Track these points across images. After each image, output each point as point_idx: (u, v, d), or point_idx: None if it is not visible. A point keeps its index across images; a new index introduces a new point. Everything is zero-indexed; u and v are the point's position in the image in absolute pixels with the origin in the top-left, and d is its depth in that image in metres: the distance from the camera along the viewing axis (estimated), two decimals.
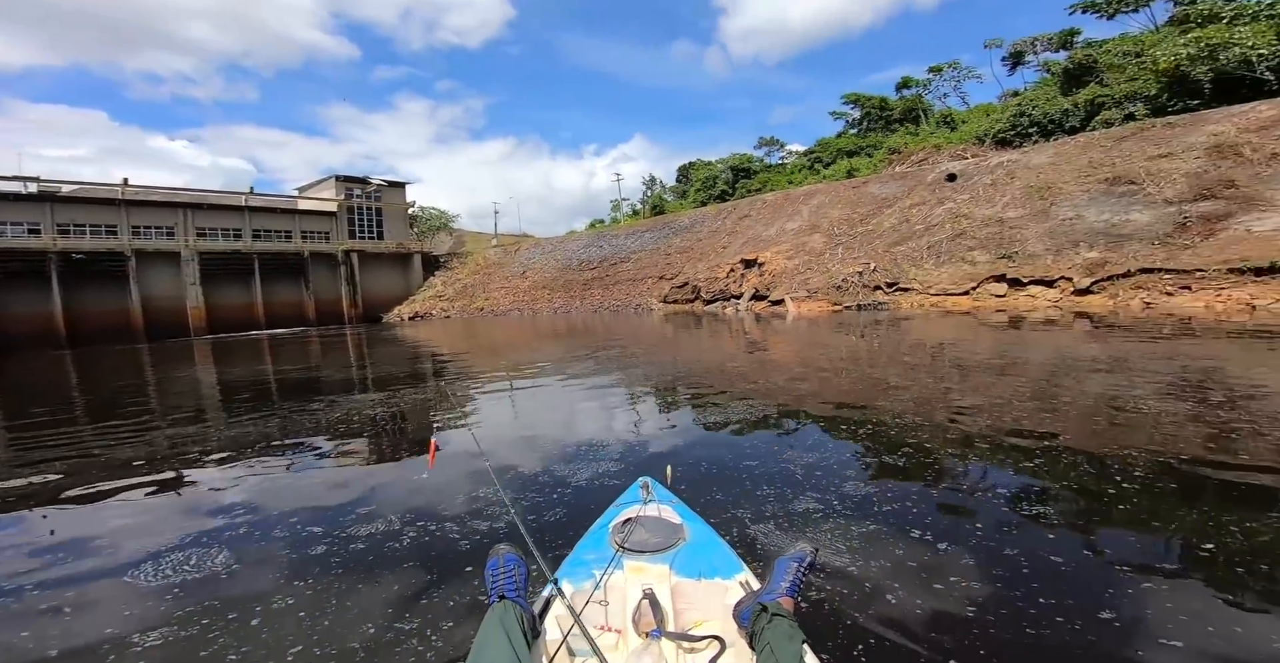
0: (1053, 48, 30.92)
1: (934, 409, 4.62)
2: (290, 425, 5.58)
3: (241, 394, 8.45)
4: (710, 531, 1.78)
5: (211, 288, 33.12)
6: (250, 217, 36.74)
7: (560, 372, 8.42)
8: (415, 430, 5.20)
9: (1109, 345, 7.73)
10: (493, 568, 1.48)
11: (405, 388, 7.72)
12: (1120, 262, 12.86)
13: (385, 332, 25.61)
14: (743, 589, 1.47)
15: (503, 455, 3.94)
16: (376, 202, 42.57)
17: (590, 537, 1.79)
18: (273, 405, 7.07)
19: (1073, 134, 20.23)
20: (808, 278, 19.91)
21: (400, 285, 41.92)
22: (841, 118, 39.03)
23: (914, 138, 30.04)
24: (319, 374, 10.59)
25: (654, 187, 51.76)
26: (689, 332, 15.03)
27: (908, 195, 21.18)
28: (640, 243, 35.27)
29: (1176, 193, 13.46)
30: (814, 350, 9.69)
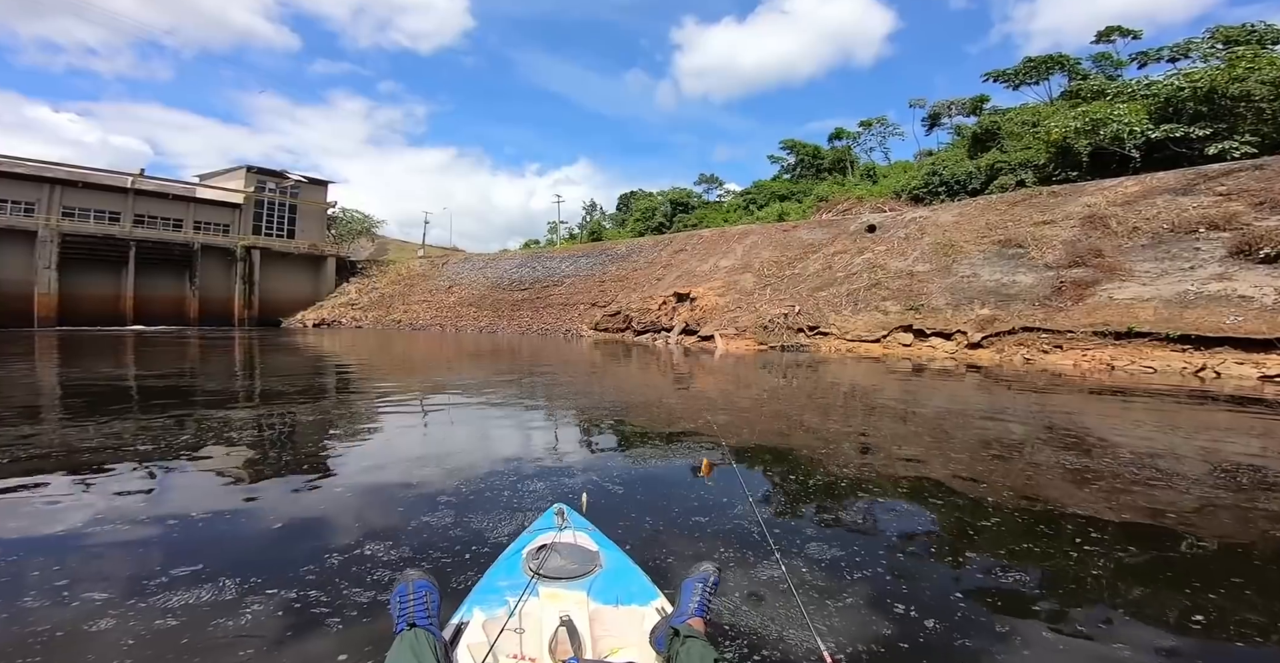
0: (965, 112, 35.20)
1: (839, 445, 5.03)
2: (121, 439, 4.66)
3: (63, 398, 7.36)
4: (625, 557, 1.79)
5: (72, 275, 29.30)
6: (135, 200, 33.14)
7: (480, 395, 8.08)
8: (297, 451, 4.65)
9: (992, 395, 8.69)
10: (401, 595, 1.45)
11: (292, 402, 7.05)
12: (1007, 319, 14.47)
13: (281, 337, 23.63)
14: (659, 614, 1.51)
15: (406, 478, 3.67)
16: (292, 197, 39.94)
17: (502, 563, 1.76)
18: (99, 415, 5.90)
19: (974, 196, 22.86)
20: (737, 316, 20.71)
21: (308, 289, 39.14)
22: (778, 162, 41.87)
23: (840, 188, 32.70)
24: (179, 382, 9.48)
25: (594, 212, 52.50)
26: (620, 361, 15.05)
27: (832, 243, 22.83)
28: (575, 268, 35.33)
29: (1055, 258, 15.48)
30: (741, 387, 9.98)
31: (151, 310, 31.51)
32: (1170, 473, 4.10)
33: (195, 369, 11.39)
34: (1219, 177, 15.26)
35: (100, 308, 30.19)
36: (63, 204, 30.54)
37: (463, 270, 41.01)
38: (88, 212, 31.52)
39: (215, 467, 4.00)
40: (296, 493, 3.40)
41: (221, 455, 4.31)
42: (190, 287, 33.64)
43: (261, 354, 15.33)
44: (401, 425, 6.00)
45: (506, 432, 5.54)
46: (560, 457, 4.47)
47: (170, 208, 34.77)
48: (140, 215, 33.13)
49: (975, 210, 19.66)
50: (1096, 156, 20.31)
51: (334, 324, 35.27)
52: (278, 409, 6.42)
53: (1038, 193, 19.06)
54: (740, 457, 4.54)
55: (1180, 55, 25.81)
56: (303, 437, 5.11)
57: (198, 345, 17.97)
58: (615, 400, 7.97)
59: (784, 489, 3.69)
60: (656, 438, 5.29)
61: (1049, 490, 3.63)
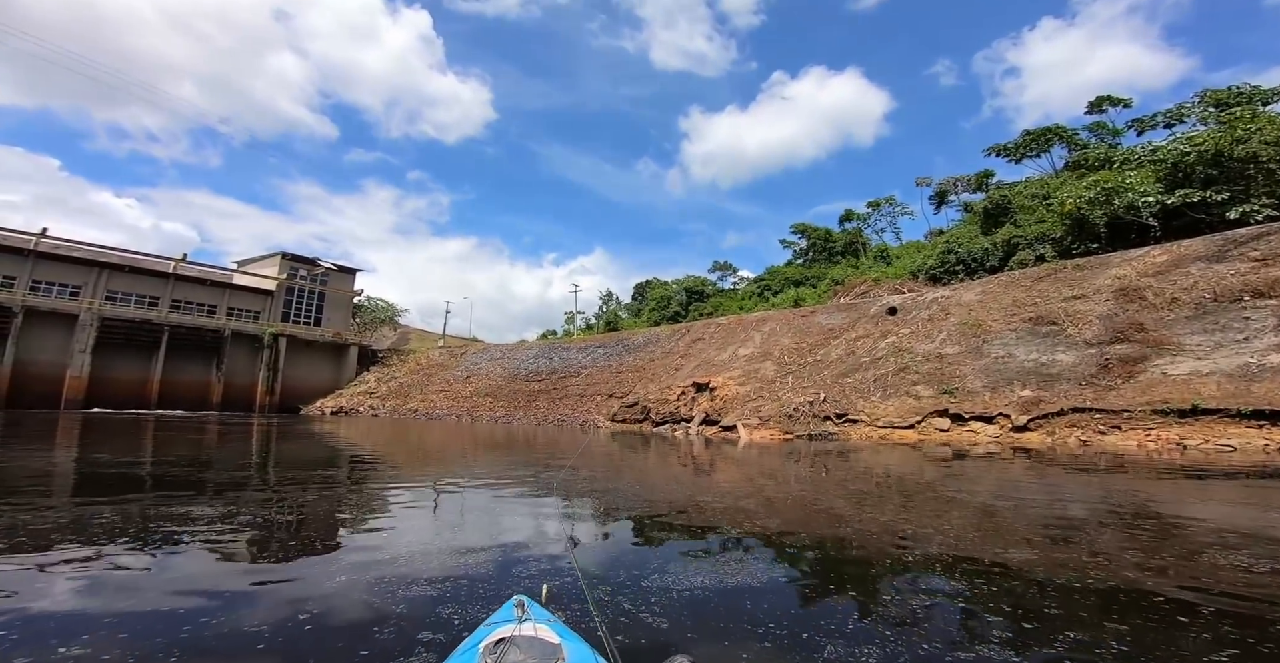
0: (971, 188, 36.25)
1: (879, 535, 4.48)
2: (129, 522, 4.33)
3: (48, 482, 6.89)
4: (589, 650, 1.72)
5: (105, 358, 30.25)
6: (175, 285, 35.16)
7: (495, 489, 7.34)
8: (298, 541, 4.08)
9: (1045, 479, 7.96)
10: None
11: (295, 495, 6.46)
12: (1053, 400, 13.56)
13: (298, 424, 23.31)
14: None
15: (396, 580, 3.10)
16: (322, 285, 42.01)
17: (457, 658, 1.70)
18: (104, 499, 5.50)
19: (994, 272, 22.63)
20: (759, 405, 19.98)
21: (329, 377, 39.62)
22: (790, 247, 43.18)
23: (855, 270, 33.12)
24: (190, 469, 9.04)
25: (610, 302, 53.89)
26: (639, 453, 14.21)
27: (852, 327, 22.58)
28: (592, 358, 35.42)
29: (1094, 335, 14.84)
30: (767, 478, 9.12)
31: (176, 394, 31.93)
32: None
33: (210, 458, 10.97)
34: (1249, 242, 14.98)
35: (128, 391, 30.73)
36: (107, 288, 32.44)
37: (480, 360, 41.43)
38: (130, 296, 33.37)
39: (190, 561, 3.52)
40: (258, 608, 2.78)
41: (204, 550, 3.77)
42: (216, 372, 34.33)
43: (277, 442, 14.88)
44: (405, 525, 5.00)
45: (516, 532, 4.55)
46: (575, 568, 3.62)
47: (207, 294, 36.69)
48: (178, 301, 34.92)
49: (999, 288, 19.46)
50: (1114, 227, 19.92)
51: (352, 412, 35.10)
52: (282, 500, 5.81)
53: (1061, 267, 18.89)
54: (778, 551, 3.94)
55: (1175, 120, 26.30)
56: (293, 537, 4.32)
57: (211, 432, 17.66)
58: (641, 497, 7.18)
59: (818, 583, 3.30)
60: (691, 546, 4.28)
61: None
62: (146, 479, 6.91)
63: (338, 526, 4.64)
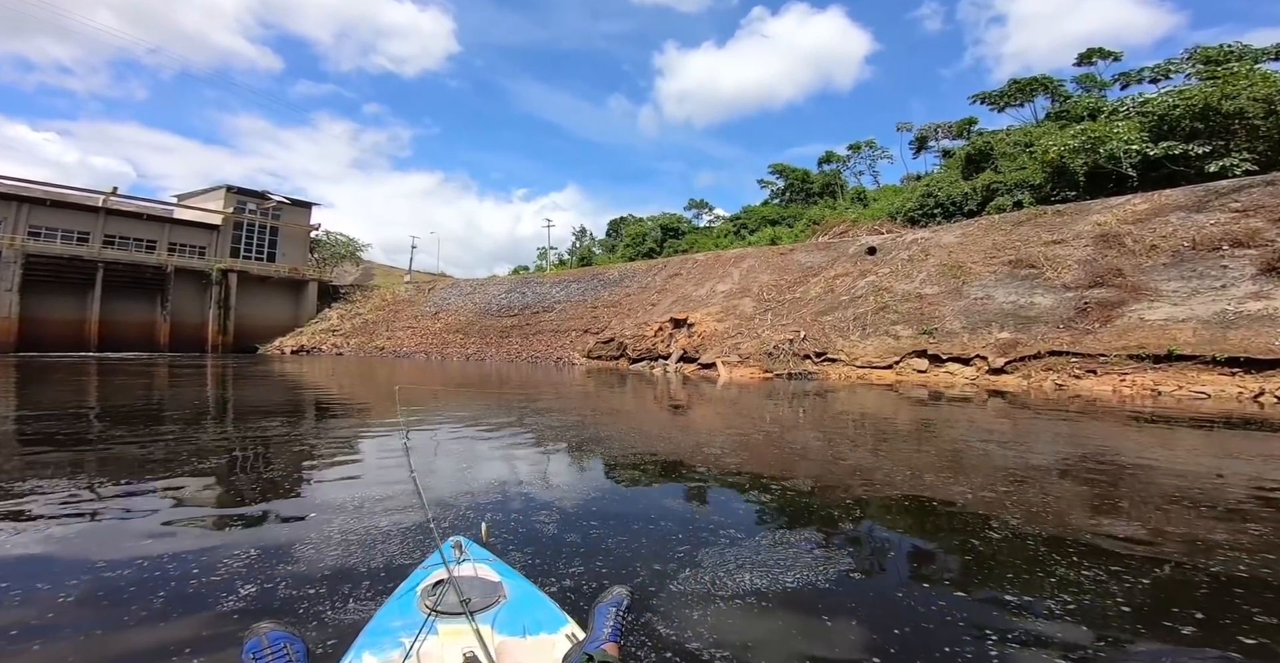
0: (951, 135, 35.44)
1: (847, 476, 4.55)
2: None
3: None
4: (531, 586, 1.69)
5: (35, 298, 27.37)
6: (106, 220, 31.50)
7: (474, 434, 6.70)
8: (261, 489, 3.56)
9: (1016, 422, 7.90)
10: (253, 651, 1.31)
11: (259, 438, 5.59)
12: (1030, 343, 13.49)
13: (257, 365, 21.84)
14: (569, 642, 1.42)
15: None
16: (274, 220, 38.54)
17: (394, 602, 1.58)
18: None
19: (971, 217, 22.32)
20: (738, 342, 19.56)
21: (288, 315, 37.36)
22: (767, 187, 41.76)
23: (833, 211, 32.28)
24: (146, 410, 7.95)
25: (584, 238, 51.80)
26: (618, 393, 13.63)
27: (831, 266, 22.01)
28: (566, 293, 34.19)
29: (1073, 279, 14.66)
30: (745, 418, 8.71)
31: (118, 335, 29.52)
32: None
33: (160, 402, 9.77)
34: (1231, 193, 14.73)
35: (64, 333, 28.21)
36: (29, 224, 28.80)
37: (450, 296, 39.64)
38: (55, 231, 29.78)
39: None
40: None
41: (164, 500, 3.33)
42: (161, 311, 31.77)
43: (234, 385, 13.61)
44: (368, 473, 4.57)
45: (478, 476, 4.15)
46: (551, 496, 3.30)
47: (144, 229, 33.12)
48: (111, 236, 31.43)
49: (979, 231, 18.99)
50: (1093, 176, 20.00)
51: (314, 351, 33.47)
52: (242, 449, 4.97)
53: (1041, 212, 18.48)
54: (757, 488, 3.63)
55: (1161, 76, 26.19)
56: (253, 487, 3.88)
57: (161, 374, 16.19)
58: (618, 438, 6.59)
59: (785, 518, 3.34)
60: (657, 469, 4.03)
61: None
62: (92, 429, 6.08)
63: (299, 475, 4.28)
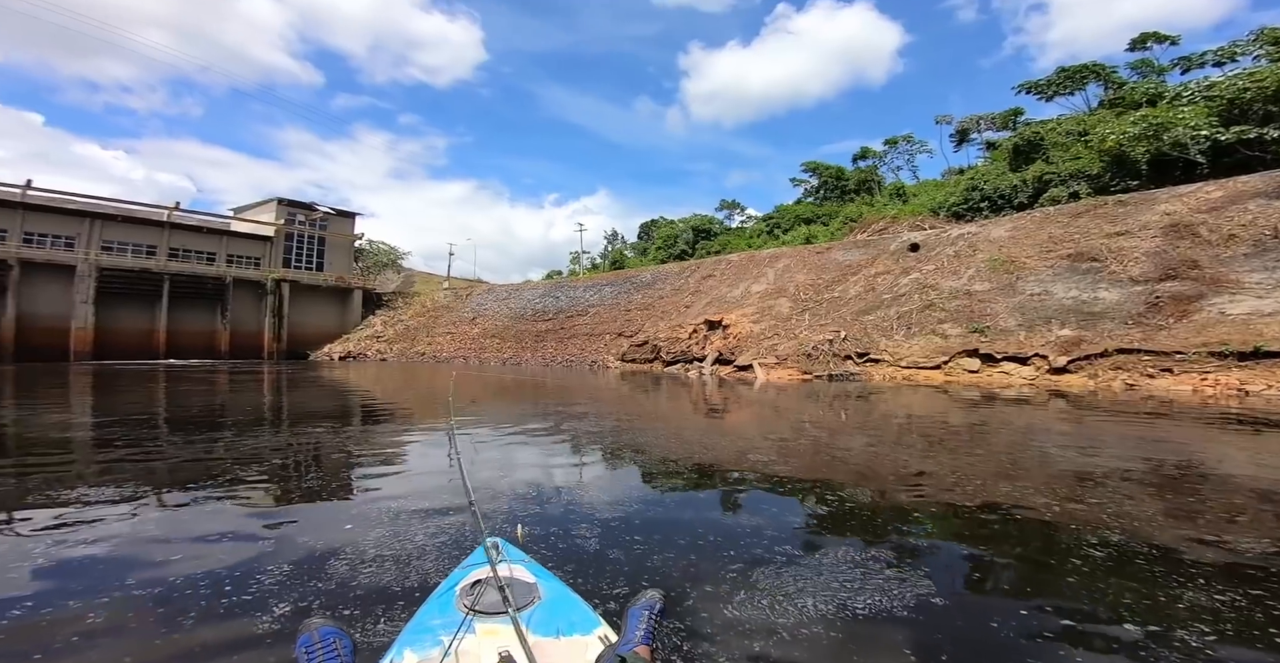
0: (996, 126, 33.80)
1: (893, 480, 4.26)
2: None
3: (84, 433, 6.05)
4: (565, 588, 1.71)
5: (109, 309, 29.07)
6: (171, 234, 33.27)
7: (513, 442, 6.57)
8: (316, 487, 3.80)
9: (1082, 424, 7.27)
10: (305, 646, 1.36)
11: (317, 439, 5.62)
12: (1096, 341, 12.53)
13: (308, 371, 22.53)
14: (602, 644, 1.42)
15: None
16: (321, 230, 39.99)
17: (434, 601, 1.63)
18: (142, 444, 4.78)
19: (1021, 210, 21.12)
20: (775, 343, 19.01)
21: (335, 322, 38.61)
22: (800, 185, 40.79)
23: (870, 208, 31.22)
24: (213, 415, 8.18)
25: (615, 241, 51.85)
26: (652, 395, 13.38)
27: (872, 263, 21.19)
28: (599, 297, 34.18)
29: (1142, 272, 13.57)
30: (783, 420, 8.30)
31: (183, 344, 31.09)
32: None
33: (224, 407, 10.12)
34: None
35: (135, 342, 29.87)
36: (102, 238, 30.67)
37: (486, 302, 40.24)
38: (126, 245, 31.63)
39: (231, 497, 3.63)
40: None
41: (225, 499, 3.67)
42: (221, 320, 33.29)
43: (288, 390, 13.94)
44: (413, 475, 4.48)
45: (518, 478, 4.01)
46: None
47: (204, 241, 34.85)
48: (175, 249, 33.17)
49: (1032, 224, 17.90)
50: (1157, 164, 18.64)
51: (359, 357, 34.46)
52: (297, 450, 4.98)
53: (1101, 203, 17.27)
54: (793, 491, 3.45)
55: (1226, 59, 24.24)
56: (307, 485, 4.17)
57: (226, 381, 16.78)
58: (653, 442, 6.29)
59: (827, 524, 3.22)
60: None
61: None
62: (162, 431, 6.32)
63: (350, 476, 4.45)
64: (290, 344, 35.23)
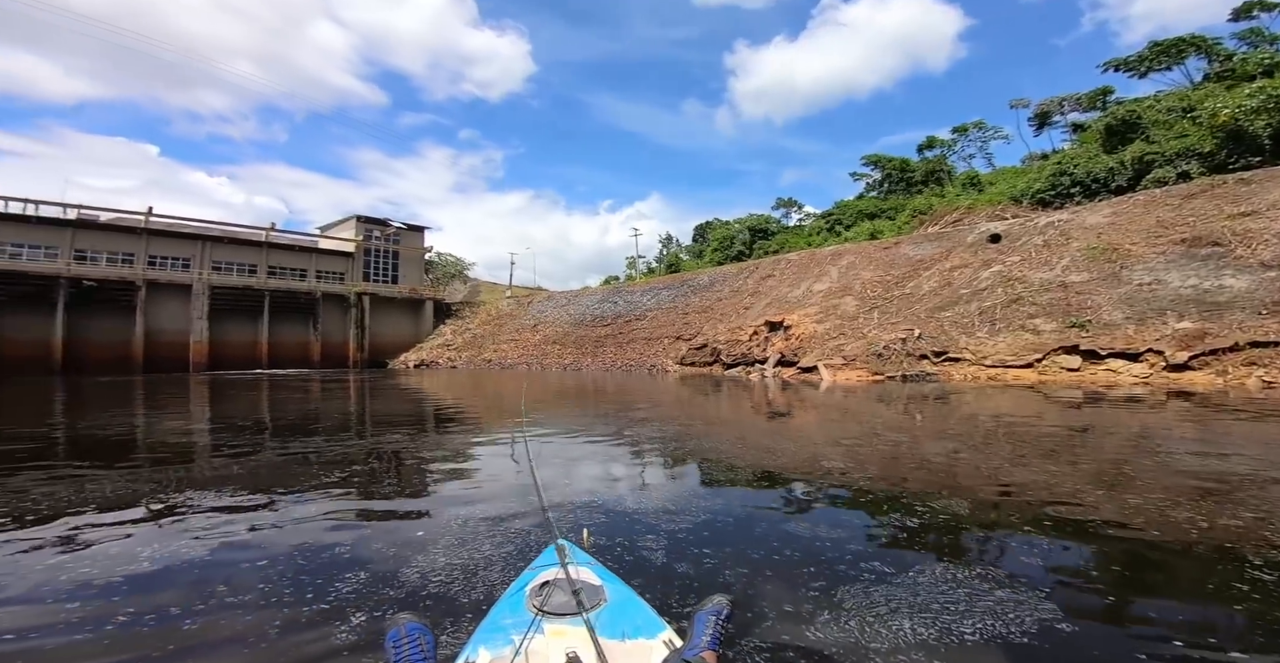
0: (1082, 107, 30.86)
1: (979, 489, 3.91)
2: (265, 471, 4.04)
3: (207, 436, 6.62)
4: (630, 591, 1.72)
5: (217, 323, 32.09)
6: (268, 253, 36.39)
7: (576, 445, 6.53)
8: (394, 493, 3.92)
9: (1207, 426, 6.36)
10: (394, 639, 1.43)
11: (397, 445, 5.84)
12: (1223, 334, 10.95)
13: (387, 379, 23.83)
14: (667, 648, 1.42)
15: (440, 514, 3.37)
16: (394, 244, 42.44)
17: (506, 601, 1.68)
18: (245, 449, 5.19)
19: (1121, 193, 19.06)
20: (841, 344, 18.10)
21: (410, 331, 40.77)
22: (861, 179, 39.01)
23: (941, 199, 29.29)
24: (305, 422, 8.76)
25: (670, 244, 51.64)
26: (713, 398, 13.05)
27: (946, 257, 19.78)
28: (656, 300, 34.08)
29: (1275, 256, 11.78)
30: (853, 423, 7.79)
31: (282, 354, 33.82)
32: None
33: (318, 413, 10.89)
34: None
35: (242, 353, 32.78)
36: (211, 259, 33.99)
37: (546, 309, 41.15)
38: (231, 265, 34.90)
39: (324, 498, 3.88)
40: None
41: (321, 496, 3.96)
42: (313, 332, 35.95)
43: (371, 397, 14.68)
44: (484, 477, 4.53)
45: (584, 480, 3.95)
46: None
47: (296, 259, 37.87)
48: (272, 267, 36.24)
49: (1136, 208, 16.04)
50: None
51: (432, 364, 36.12)
52: (380, 452, 5.19)
53: (1220, 182, 15.23)
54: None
55: None
56: (389, 485, 4.29)
57: (320, 388, 18.01)
58: (716, 447, 6.00)
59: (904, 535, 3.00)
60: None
61: None
62: (264, 437, 6.81)
63: (425, 479, 4.61)
64: (371, 353, 37.51)
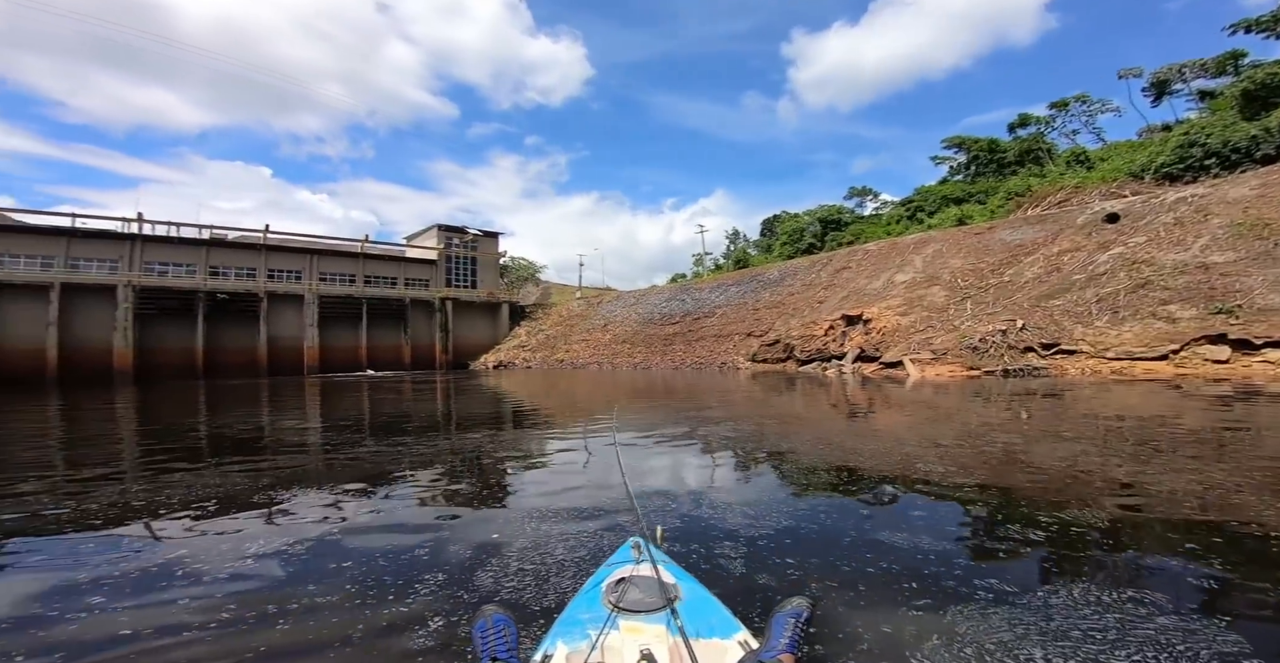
0: (1209, 73, 26.80)
1: (1133, 500, 3.34)
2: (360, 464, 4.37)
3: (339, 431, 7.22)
4: (705, 591, 1.69)
5: (325, 329, 35.14)
6: (364, 263, 39.46)
7: (640, 437, 6.39)
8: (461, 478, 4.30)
9: None
10: (480, 630, 1.49)
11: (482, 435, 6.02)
12: None
13: (469, 379, 25.02)
14: (741, 649, 1.40)
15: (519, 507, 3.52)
16: (472, 251, 44.59)
17: (583, 597, 1.70)
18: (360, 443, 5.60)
19: (1269, 162, 16.25)
20: (929, 337, 16.76)
21: (488, 334, 42.66)
22: (943, 163, 36.17)
23: (1041, 179, 26.47)
24: (401, 419, 9.33)
25: (737, 240, 50.54)
26: (787, 396, 12.44)
27: (1053, 241, 17.76)
28: (725, 297, 33.41)
29: None
30: (946, 422, 6.98)
31: (378, 358, 36.55)
32: None
33: (410, 413, 11.59)
34: None
35: (345, 357, 35.74)
36: (318, 270, 37.37)
37: (615, 309, 41.57)
38: (335, 276, 38.19)
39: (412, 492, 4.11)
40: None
41: (411, 489, 4.21)
42: (404, 336, 38.54)
43: (455, 396, 15.34)
44: (561, 474, 4.54)
45: (657, 478, 3.81)
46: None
47: (387, 268, 40.78)
48: (368, 276, 39.26)
49: None
50: None
51: (509, 365, 37.57)
52: (465, 448, 5.43)
53: None
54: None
55: None
56: (474, 481, 4.44)
57: (412, 388, 19.16)
58: (794, 447, 5.57)
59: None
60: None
61: None
62: (362, 435, 7.23)
63: (505, 475, 4.71)
64: (455, 355, 39.64)
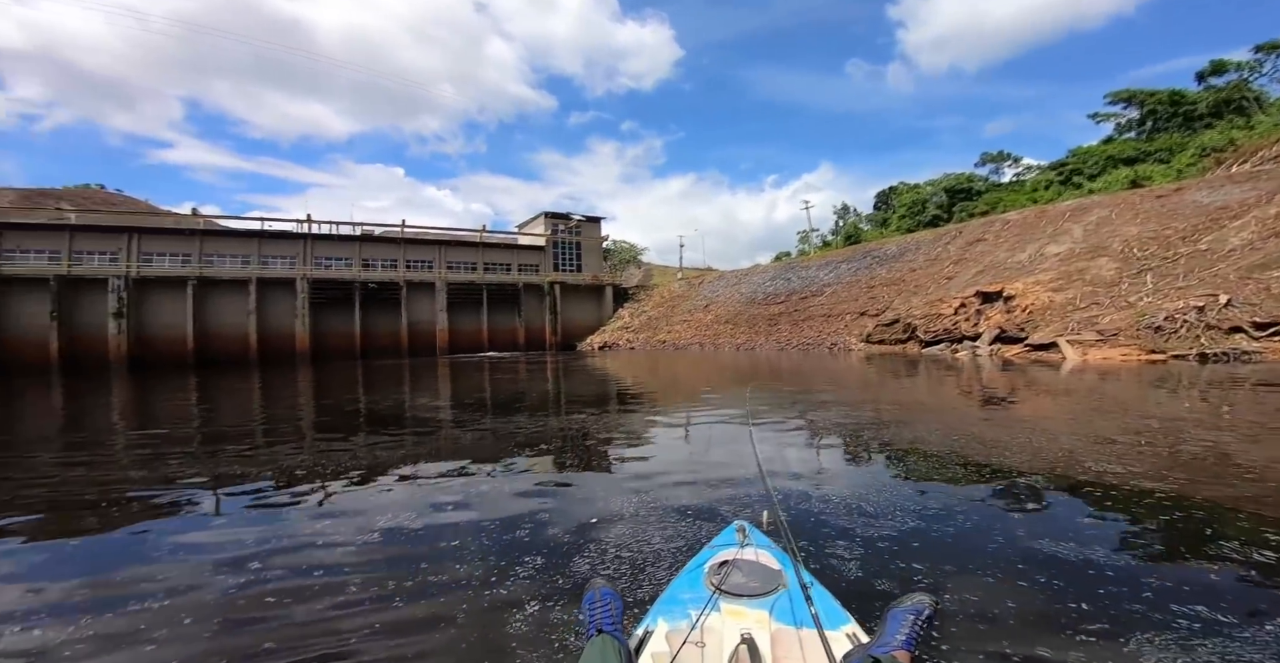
0: None
1: None
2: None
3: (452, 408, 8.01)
4: (812, 579, 1.58)
5: (452, 314, 38.64)
6: (483, 252, 42.60)
7: (739, 419, 6.15)
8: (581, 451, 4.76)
9: None
10: (589, 602, 1.53)
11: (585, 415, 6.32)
12: None
13: (577, 360, 26.14)
14: (850, 642, 1.34)
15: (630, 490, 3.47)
16: (576, 236, 46.16)
17: (685, 577, 1.69)
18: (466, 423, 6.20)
19: None
20: (1092, 315, 14.32)
21: (593, 316, 44.16)
22: (1107, 120, 30.40)
23: (1248, 132, 21.24)
24: (515, 397, 10.04)
25: (847, 215, 46.96)
26: (909, 381, 11.27)
27: (1270, 201, 14.18)
28: (835, 275, 31.32)
29: None
30: (1171, 422, 5.43)
31: (497, 340, 39.63)
32: None
33: (524, 391, 12.65)
34: None
35: (470, 340, 39.16)
36: (446, 260, 41.02)
37: (717, 288, 40.83)
38: (460, 264, 41.74)
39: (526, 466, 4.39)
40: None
41: (527, 463, 4.50)
42: (518, 319, 41.25)
43: (564, 377, 15.95)
44: (666, 453, 4.49)
45: (765, 464, 3.59)
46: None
47: (502, 255, 43.67)
48: (487, 263, 42.40)
49: None
50: None
51: (613, 346, 38.66)
52: (573, 428, 5.81)
53: None
54: None
55: None
56: (582, 458, 4.70)
57: (527, 369, 20.32)
58: (964, 454, 4.82)
59: None
60: None
61: None
62: (481, 413, 7.85)
63: (613, 453, 4.83)
64: (563, 336, 41.67)
